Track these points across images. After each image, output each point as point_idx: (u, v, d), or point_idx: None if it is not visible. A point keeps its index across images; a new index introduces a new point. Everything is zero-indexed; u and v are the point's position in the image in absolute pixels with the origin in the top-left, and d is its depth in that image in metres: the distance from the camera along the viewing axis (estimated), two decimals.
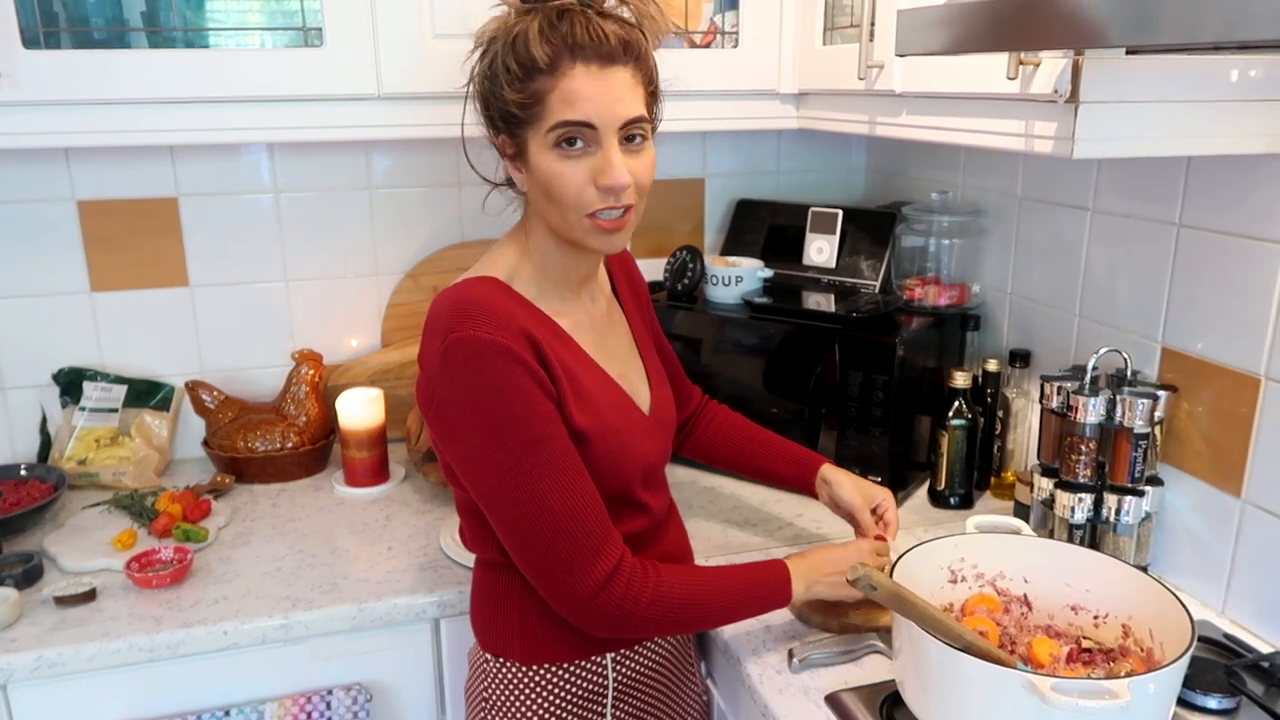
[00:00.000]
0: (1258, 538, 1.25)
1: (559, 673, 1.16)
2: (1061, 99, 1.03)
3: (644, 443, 1.16)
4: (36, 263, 1.74)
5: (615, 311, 1.24)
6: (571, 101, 0.99)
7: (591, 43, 0.99)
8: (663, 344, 1.39)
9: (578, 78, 0.99)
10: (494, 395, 1.00)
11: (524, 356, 1.00)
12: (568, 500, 1.03)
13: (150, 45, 1.50)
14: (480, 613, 1.21)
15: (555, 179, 1.02)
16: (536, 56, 0.99)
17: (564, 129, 1.00)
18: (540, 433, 1.02)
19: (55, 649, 1.25)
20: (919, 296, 1.73)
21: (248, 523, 1.62)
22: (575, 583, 1.04)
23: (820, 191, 2.16)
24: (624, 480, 1.12)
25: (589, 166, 1.01)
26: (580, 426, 1.06)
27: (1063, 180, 1.54)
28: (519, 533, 1.05)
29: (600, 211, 1.03)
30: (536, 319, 1.07)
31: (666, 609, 1.08)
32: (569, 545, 1.03)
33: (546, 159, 1.02)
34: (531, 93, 1.00)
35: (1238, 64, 1.06)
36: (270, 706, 1.34)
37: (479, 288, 1.05)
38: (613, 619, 1.06)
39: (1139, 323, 1.41)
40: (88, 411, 1.77)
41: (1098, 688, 0.88)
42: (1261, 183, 1.20)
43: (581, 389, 1.08)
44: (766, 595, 1.16)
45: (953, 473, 1.62)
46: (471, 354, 1.00)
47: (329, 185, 1.86)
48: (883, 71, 1.39)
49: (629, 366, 1.20)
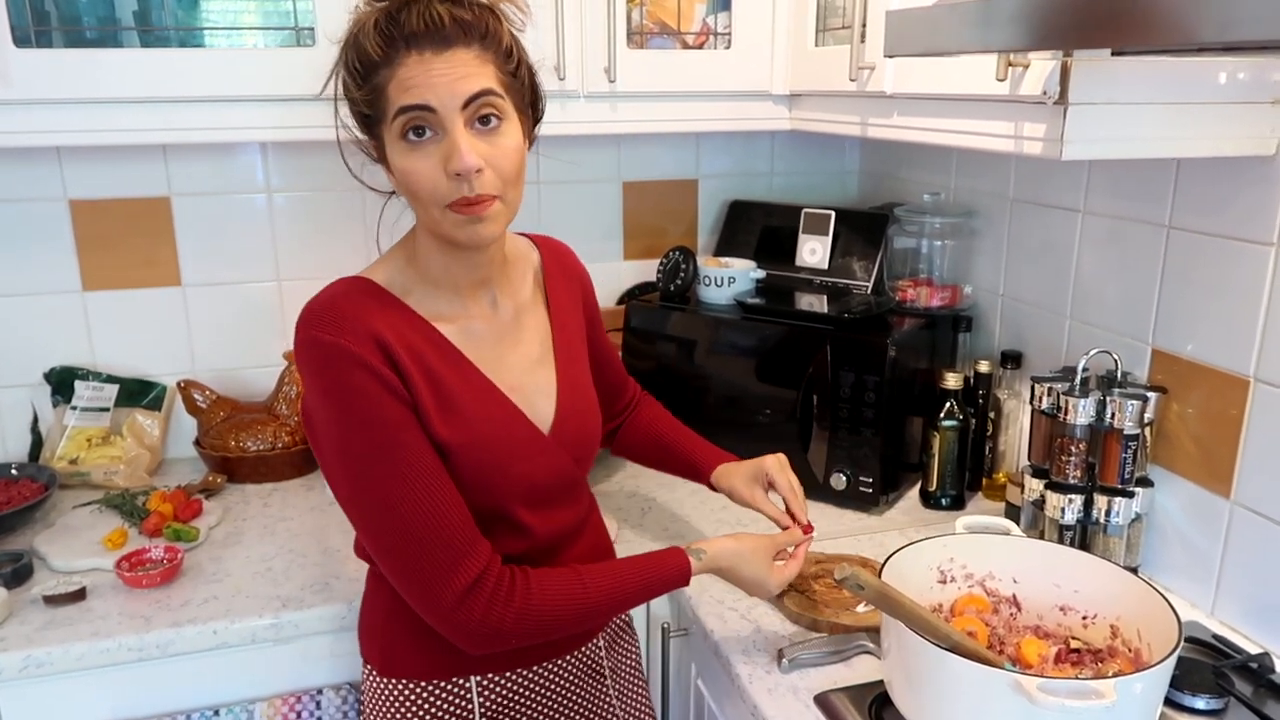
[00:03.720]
0: (1247, 539, 1.25)
1: (416, 690, 1.11)
2: (1050, 100, 1.03)
3: (532, 461, 1.09)
4: (28, 262, 1.74)
5: (531, 318, 1.16)
6: (407, 87, 0.95)
7: (425, 29, 0.94)
8: (603, 351, 1.33)
9: (412, 65, 0.95)
10: (339, 399, 0.98)
11: (368, 360, 0.97)
12: (420, 509, 0.98)
13: (142, 44, 1.49)
14: (362, 616, 1.20)
15: (409, 174, 0.98)
16: (369, 50, 0.96)
17: (405, 116, 0.96)
18: (388, 439, 0.98)
19: (44, 648, 1.25)
20: (911, 298, 1.73)
21: (239, 522, 1.62)
22: (434, 595, 0.99)
23: (813, 193, 2.16)
24: (496, 498, 1.06)
25: (439, 155, 0.96)
26: (442, 438, 1.01)
27: (1054, 182, 1.55)
28: (375, 541, 1.02)
29: (457, 205, 0.98)
30: (408, 323, 1.03)
31: (541, 618, 1.03)
32: (424, 556, 0.99)
33: (398, 154, 0.98)
34: (372, 87, 0.97)
35: (1226, 66, 1.06)
36: (260, 706, 1.34)
37: (339, 289, 1.03)
38: (480, 633, 1.01)
39: (1129, 324, 1.41)
40: (79, 411, 1.76)
41: (1084, 688, 0.88)
42: (1250, 184, 1.20)
43: (449, 398, 1.03)
44: (661, 589, 1.12)
45: (944, 474, 1.62)
46: (318, 358, 0.98)
47: (322, 185, 1.86)
48: (874, 73, 1.39)
49: (530, 380, 1.12)
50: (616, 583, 1.08)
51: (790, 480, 1.29)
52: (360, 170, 1.09)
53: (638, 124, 1.67)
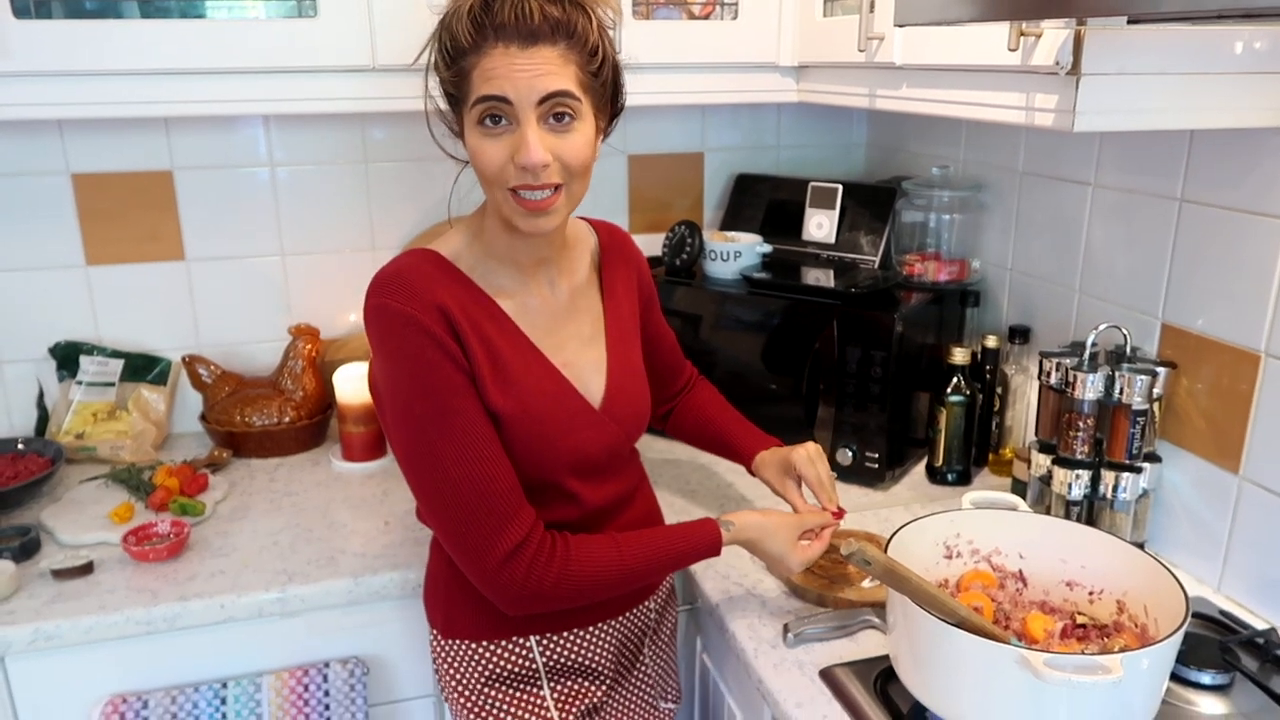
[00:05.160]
0: (1255, 515, 1.25)
1: (480, 649, 1.18)
2: (1063, 71, 1.01)
3: (582, 433, 1.13)
4: (31, 236, 1.74)
5: (585, 299, 1.21)
6: (489, 77, 0.99)
7: (514, 22, 0.98)
8: (660, 334, 1.37)
9: (496, 56, 0.99)
10: (403, 364, 1.04)
11: (431, 328, 1.02)
12: (471, 473, 1.03)
13: (143, 15, 1.48)
14: (427, 583, 1.27)
15: (479, 154, 1.03)
16: (460, 36, 1.00)
17: (483, 104, 1.00)
18: (445, 405, 1.03)
19: (52, 621, 1.26)
20: (918, 272, 1.72)
21: (245, 497, 1.62)
22: (480, 556, 1.05)
23: (820, 166, 2.14)
24: (547, 468, 1.11)
25: (509, 144, 1.02)
26: (496, 406, 1.06)
27: (1064, 155, 1.53)
28: (428, 503, 1.08)
29: (521, 190, 1.02)
30: (471, 295, 1.08)
31: (579, 583, 1.08)
32: (471, 518, 1.04)
33: (473, 136, 1.03)
34: (458, 70, 1.02)
35: (1242, 35, 1.04)
36: (267, 679, 1.35)
37: (407, 260, 1.08)
38: (521, 595, 1.06)
39: (1139, 299, 1.40)
40: (85, 385, 1.76)
41: (1091, 663, 0.88)
42: (1265, 157, 1.18)
43: (505, 370, 1.08)
44: (693, 559, 1.17)
45: (950, 449, 1.62)
46: (385, 323, 1.04)
47: (325, 158, 1.85)
48: (883, 43, 1.37)
49: (582, 356, 1.17)
50: (651, 551, 1.13)
51: (819, 473, 1.30)
52: (441, 139, 1.12)
53: (643, 96, 1.63)
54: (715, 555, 1.17)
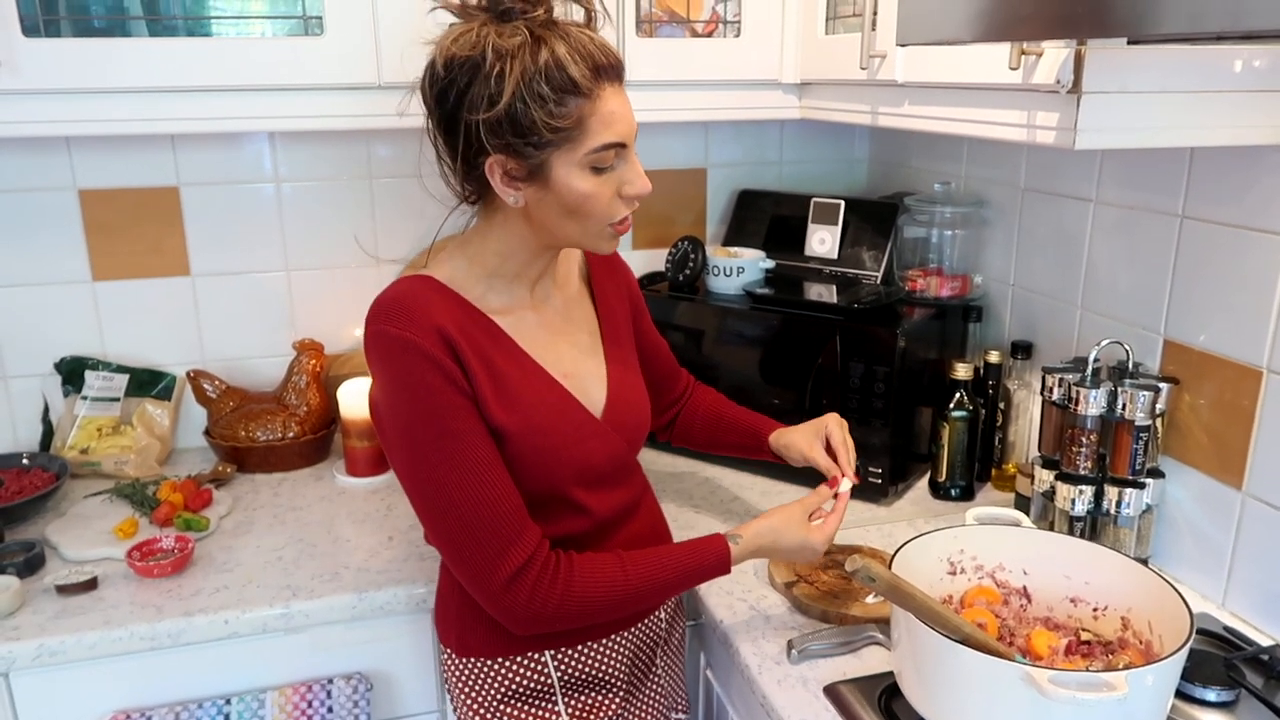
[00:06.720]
0: (1259, 530, 1.25)
1: (495, 666, 1.18)
2: (1064, 89, 1.02)
3: (586, 443, 1.14)
4: (38, 252, 1.74)
5: (579, 310, 1.23)
6: (610, 123, 1.02)
7: (609, 64, 1.02)
8: (652, 342, 1.39)
9: (609, 99, 1.02)
10: (404, 389, 1.04)
11: (431, 351, 1.02)
12: (473, 496, 1.03)
13: (150, 34, 1.49)
14: (437, 603, 1.27)
15: (589, 198, 1.05)
16: (576, 79, 0.99)
17: (607, 150, 1.03)
18: (447, 428, 1.03)
19: (57, 637, 1.26)
20: (921, 288, 1.72)
21: (249, 512, 1.62)
22: (484, 578, 1.05)
23: (822, 182, 2.15)
24: (554, 481, 1.12)
25: (614, 181, 1.06)
26: (501, 423, 1.06)
27: (1066, 171, 1.54)
28: (431, 526, 1.08)
29: (621, 221, 1.09)
30: (468, 316, 1.09)
31: (583, 603, 1.08)
32: (474, 541, 1.04)
33: (578, 179, 1.04)
34: (568, 115, 1.00)
35: (1241, 54, 1.05)
36: (271, 695, 1.35)
37: (404, 286, 1.08)
38: (525, 616, 1.06)
39: (1141, 315, 1.41)
40: (89, 400, 1.77)
41: (1095, 680, 0.88)
42: (1265, 174, 1.19)
43: (507, 386, 1.08)
44: (701, 577, 1.16)
45: (953, 464, 1.62)
46: (384, 349, 1.04)
47: (330, 175, 1.86)
48: (885, 61, 1.38)
49: (582, 367, 1.19)
50: (657, 571, 1.12)
51: (845, 438, 1.32)
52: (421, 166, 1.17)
53: (646, 113, 1.64)
54: (725, 574, 1.15)
